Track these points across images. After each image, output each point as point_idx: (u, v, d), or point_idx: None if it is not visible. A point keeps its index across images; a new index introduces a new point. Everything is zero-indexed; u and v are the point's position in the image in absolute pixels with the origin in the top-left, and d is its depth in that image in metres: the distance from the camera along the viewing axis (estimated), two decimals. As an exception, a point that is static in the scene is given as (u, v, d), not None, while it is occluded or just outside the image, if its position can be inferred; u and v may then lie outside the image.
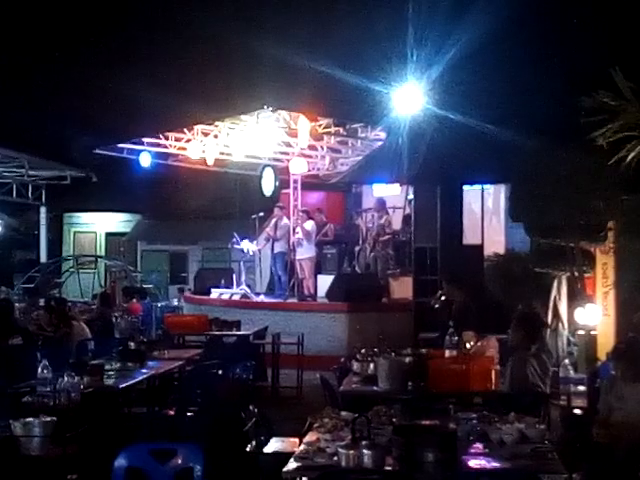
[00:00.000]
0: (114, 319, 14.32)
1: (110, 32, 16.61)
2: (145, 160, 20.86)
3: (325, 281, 18.47)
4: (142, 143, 20.57)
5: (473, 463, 5.40)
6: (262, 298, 19.46)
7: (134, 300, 16.62)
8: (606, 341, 10.93)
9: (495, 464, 5.39)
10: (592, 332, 12.02)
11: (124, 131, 19.29)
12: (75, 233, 35.01)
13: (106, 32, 16.58)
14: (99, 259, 32.24)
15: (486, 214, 17.32)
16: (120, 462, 5.46)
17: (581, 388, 9.27)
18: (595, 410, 7.45)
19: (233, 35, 14.39)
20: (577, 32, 12.30)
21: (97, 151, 21.09)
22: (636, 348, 7.27)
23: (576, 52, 12.28)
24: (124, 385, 8.83)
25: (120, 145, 20.76)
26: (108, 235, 34.86)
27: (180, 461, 5.51)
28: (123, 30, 16.66)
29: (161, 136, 20.48)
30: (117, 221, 35.02)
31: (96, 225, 34.86)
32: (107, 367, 9.38)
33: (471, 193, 17.11)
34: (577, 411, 8.49)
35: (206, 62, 15.20)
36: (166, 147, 20.95)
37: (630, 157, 6.44)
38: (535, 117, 12.17)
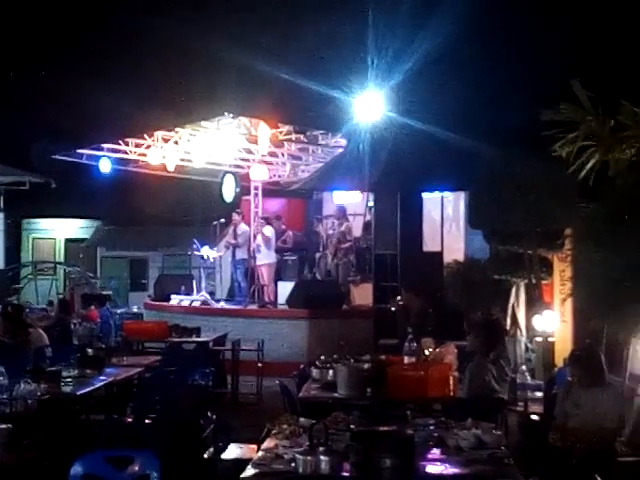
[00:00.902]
0: (72, 326, 14.21)
1: (71, 38, 16.52)
2: (105, 166, 20.72)
3: (285, 288, 18.46)
4: (102, 149, 20.43)
5: (430, 469, 5.42)
6: (222, 305, 19.41)
7: (92, 307, 16.47)
8: (563, 348, 11.02)
9: (452, 470, 5.42)
10: (550, 339, 12.14)
11: (84, 137, 19.18)
12: (34, 239, 34.69)
13: (66, 38, 16.49)
14: (58, 265, 31.98)
15: (446, 221, 17.42)
16: (76, 469, 5.42)
17: (538, 394, 9.35)
18: (552, 416, 7.52)
19: (194, 42, 14.37)
20: (538, 41, 12.42)
21: (56, 157, 20.94)
22: (592, 355, 7.35)
23: (537, 62, 12.40)
24: (82, 392, 8.76)
25: (80, 151, 20.62)
26: (67, 241, 34.59)
27: (137, 468, 5.48)
28: (84, 36, 16.58)
29: (121, 142, 20.37)
30: (76, 227, 34.77)
31: (55, 231, 34.59)
32: (65, 374, 9.30)
33: (431, 200, 17.20)
34: (534, 417, 8.56)
35: (167, 68, 15.17)
36: (126, 153, 20.83)
37: (588, 166, 6.51)
38: (495, 125, 12.27)
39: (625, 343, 8.73)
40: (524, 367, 11.67)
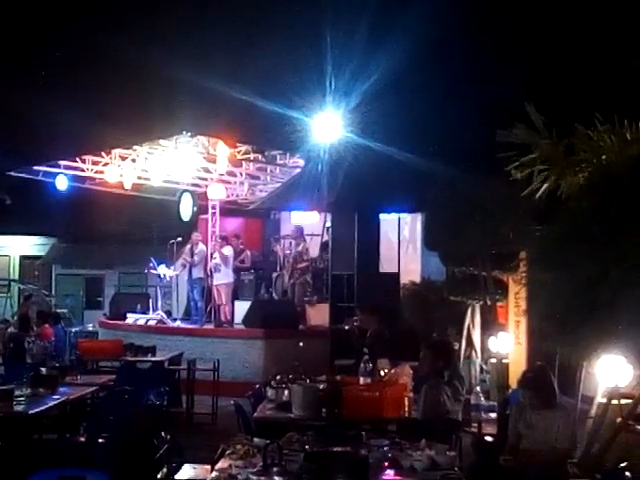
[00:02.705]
0: (27, 344, 14.07)
1: (27, 54, 16.41)
2: (61, 183, 20.60)
3: (242, 307, 18.43)
4: (59, 166, 20.32)
5: (384, 489, 5.44)
6: (178, 324, 19.35)
7: (47, 325, 16.33)
8: (518, 369, 11.09)
9: (406, 490, 5.44)
10: (504, 360, 12.22)
11: (39, 153, 19.03)
12: (-12, 256, 34.38)
13: (23, 54, 16.38)
14: (12, 283, 31.68)
15: (403, 242, 17.48)
16: (28, 489, 5.37)
17: (492, 415, 9.43)
18: (505, 437, 7.56)
19: (152, 60, 14.34)
20: (495, 64, 12.56)
21: (11, 173, 20.78)
22: (543, 376, 7.41)
23: (493, 85, 12.52)
24: (34, 411, 8.67)
25: (36, 167, 20.48)
26: (22, 258, 34.31)
27: (89, 488, 5.45)
28: (40, 52, 16.48)
29: (78, 159, 20.27)
30: (32, 244, 34.48)
31: (10, 248, 34.28)
32: (17, 393, 9.19)
33: (388, 221, 17.27)
34: (488, 438, 8.62)
35: (124, 86, 15.10)
36: (83, 170, 20.73)
37: (542, 189, 6.59)
38: (451, 146, 12.37)
39: (577, 365, 8.82)
40: (478, 388, 11.75)
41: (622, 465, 6.57)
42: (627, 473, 6.21)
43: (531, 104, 6.62)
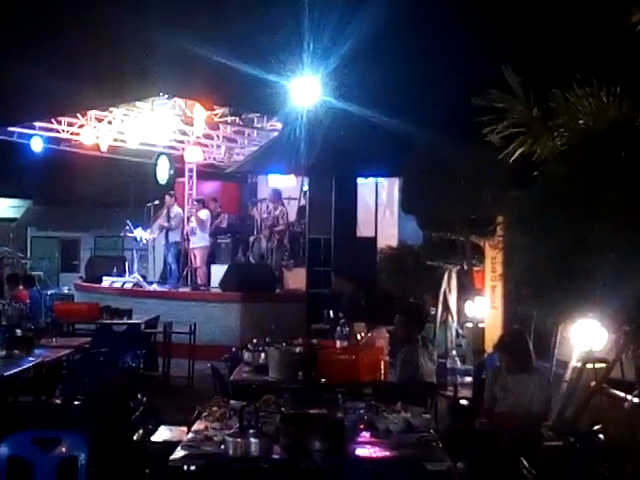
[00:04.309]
0: (1, 306, 14.01)
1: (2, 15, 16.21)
2: (37, 145, 20.45)
3: (219, 271, 18.42)
4: (34, 127, 20.16)
5: (360, 452, 5.46)
6: (155, 287, 19.31)
7: (20, 287, 16.25)
8: (494, 333, 11.16)
9: (381, 453, 5.46)
10: (480, 324, 12.30)
11: (14, 114, 18.84)
12: (-39, 218, 34.15)
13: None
14: (-14, 245, 31.51)
15: (380, 207, 17.49)
16: (2, 450, 5.36)
17: (468, 379, 9.51)
18: (480, 400, 7.62)
19: (127, 21, 14.18)
20: (472, 27, 12.50)
21: (-15, 134, 20.61)
22: (519, 340, 7.45)
23: (470, 48, 12.48)
24: (9, 373, 8.66)
25: (10, 129, 20.29)
26: (-3, 220, 34.11)
27: (64, 450, 5.44)
28: (13, 12, 16.28)
29: (53, 121, 20.10)
30: (6, 206, 34.26)
31: (-16, 210, 34.08)
32: (-7, 354, 9.20)
33: (366, 186, 17.25)
34: (463, 401, 8.68)
35: (99, 47, 14.93)
36: (59, 132, 20.56)
37: (517, 153, 6.58)
38: (429, 111, 12.33)
39: (553, 329, 8.88)
40: (454, 352, 11.85)
41: (596, 428, 6.64)
42: (600, 435, 6.27)
43: (508, 67, 6.58)
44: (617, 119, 6.05)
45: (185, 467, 5.23)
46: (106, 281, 19.52)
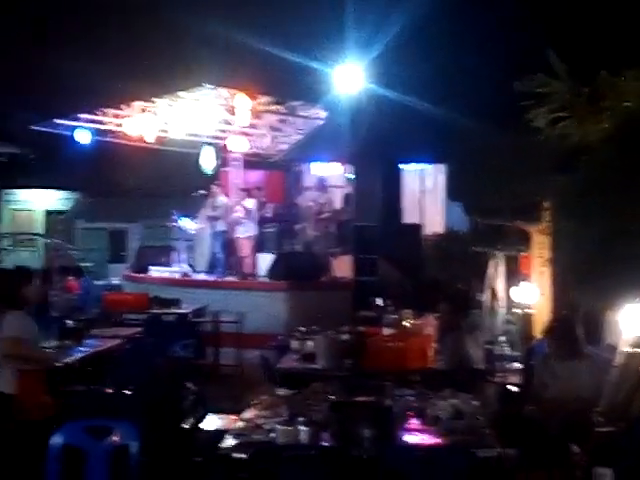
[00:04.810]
0: (51, 297, 14.18)
1: (47, 6, 16.34)
2: (83, 137, 20.60)
3: (265, 260, 18.48)
4: (80, 119, 20.33)
5: (408, 439, 5.47)
6: (202, 276, 19.42)
7: (70, 278, 16.43)
8: (542, 319, 11.08)
9: (430, 439, 5.47)
10: (528, 311, 12.21)
11: (62, 107, 19.01)
12: (13, 211, 34.49)
13: (42, 6, 16.31)
14: (37, 237, 31.84)
15: (425, 194, 17.45)
16: (56, 440, 5.45)
17: (516, 365, 9.43)
18: (529, 387, 7.58)
19: (172, 11, 14.24)
20: (515, 12, 12.40)
21: (35, 127, 20.80)
22: (568, 326, 7.41)
23: (516, 34, 12.38)
24: (61, 363, 8.77)
25: (58, 121, 20.48)
26: (46, 213, 34.40)
27: (116, 438, 5.52)
28: (61, 6, 16.41)
29: (99, 112, 20.25)
30: (56, 199, 34.55)
31: (34, 203, 34.36)
32: (44, 344, 9.31)
33: (411, 173, 17.22)
34: (512, 388, 8.64)
35: (144, 38, 15.01)
36: (104, 123, 20.72)
37: (560, 136, 6.54)
38: (474, 98, 12.25)
39: (602, 314, 8.81)
40: (502, 338, 11.78)
41: (646, 413, 6.59)
42: (652, 421, 6.23)
43: (552, 51, 6.53)
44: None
45: (235, 455, 5.29)
46: (154, 271, 19.67)
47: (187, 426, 7.05)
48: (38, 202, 34.32)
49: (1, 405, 6.98)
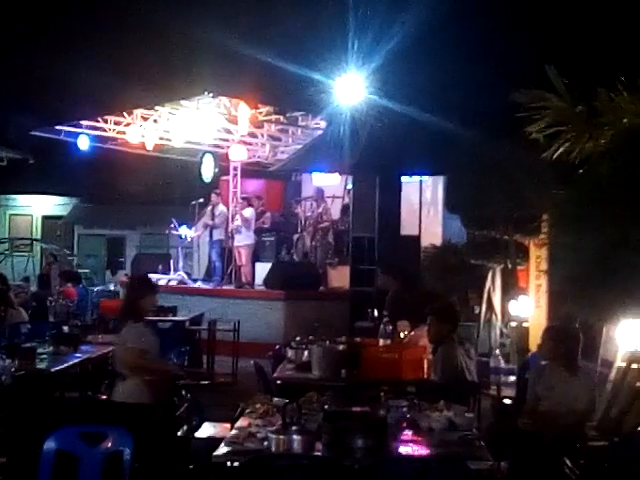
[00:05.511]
0: (49, 303, 14.20)
1: (48, 12, 16.39)
2: (83, 143, 20.65)
3: (263, 269, 18.49)
4: (81, 126, 20.37)
5: (402, 450, 5.47)
6: (199, 284, 19.43)
7: (69, 284, 16.45)
8: (538, 333, 11.06)
9: (423, 451, 5.47)
10: (524, 324, 12.22)
11: (62, 113, 19.05)
12: (11, 215, 34.54)
13: (44, 12, 16.36)
14: (35, 242, 31.88)
15: (424, 205, 17.44)
16: (49, 445, 5.44)
17: (511, 378, 9.44)
18: (524, 400, 7.59)
19: (174, 19, 14.28)
20: (513, 26, 12.44)
21: (34, 133, 20.85)
22: (568, 331, 7.44)
23: (512, 46, 12.42)
24: (56, 369, 8.78)
25: (58, 127, 20.53)
26: (45, 218, 34.46)
27: (110, 444, 5.52)
28: (63, 11, 16.46)
29: (100, 119, 20.31)
30: (54, 204, 34.62)
31: (32, 208, 34.44)
32: (40, 350, 9.33)
33: (410, 184, 17.22)
34: (506, 401, 8.65)
35: (146, 46, 15.05)
36: (105, 130, 20.77)
37: (560, 151, 6.57)
38: (472, 110, 12.28)
39: (598, 328, 8.82)
40: (497, 351, 11.78)
41: (640, 428, 6.60)
42: (645, 436, 6.24)
43: (552, 66, 6.57)
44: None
45: (228, 463, 5.29)
46: (151, 278, 19.66)
47: (181, 434, 7.04)
48: (36, 207, 34.39)
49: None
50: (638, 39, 8.66)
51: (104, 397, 8.65)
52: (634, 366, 8.40)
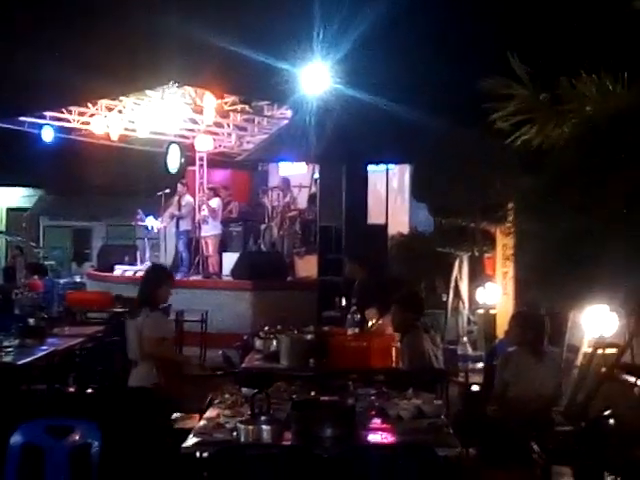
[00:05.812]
0: (14, 295, 14.10)
1: (10, 2, 16.24)
2: (47, 134, 20.48)
3: (230, 259, 18.45)
4: (44, 117, 20.21)
5: (371, 438, 5.49)
6: (166, 275, 19.32)
7: (35, 276, 16.33)
8: (505, 320, 11.15)
9: (392, 439, 5.50)
10: (491, 311, 12.31)
11: (25, 104, 18.88)
12: (-26, 208, 34.26)
13: (5, 2, 16.20)
14: (0, 235, 31.61)
15: (391, 194, 17.44)
16: (16, 438, 5.41)
17: (479, 365, 9.51)
18: (492, 387, 7.63)
19: (139, 9, 14.19)
20: (478, 15, 12.49)
21: (-3, 124, 20.67)
22: (536, 316, 7.51)
23: (477, 36, 12.46)
24: (22, 362, 8.72)
25: (21, 118, 20.35)
26: (9, 210, 34.17)
27: (77, 437, 5.49)
28: (24, 2, 16.32)
29: (64, 110, 20.15)
30: (19, 196, 34.33)
31: (-4, 200, 34.15)
32: (5, 343, 9.28)
33: (376, 173, 17.23)
34: (474, 388, 8.70)
35: (110, 36, 14.93)
36: (69, 121, 20.62)
37: (524, 138, 6.60)
38: (439, 98, 12.32)
39: (564, 314, 8.90)
40: (465, 339, 11.87)
41: (606, 413, 6.66)
42: (611, 421, 6.29)
43: (515, 54, 6.58)
44: (624, 105, 6.04)
45: (197, 454, 5.29)
46: (118, 270, 19.60)
47: (149, 425, 7.02)
48: (1, 199, 34.07)
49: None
50: (598, 25, 8.71)
51: (71, 389, 8.61)
52: (599, 351, 8.48)
